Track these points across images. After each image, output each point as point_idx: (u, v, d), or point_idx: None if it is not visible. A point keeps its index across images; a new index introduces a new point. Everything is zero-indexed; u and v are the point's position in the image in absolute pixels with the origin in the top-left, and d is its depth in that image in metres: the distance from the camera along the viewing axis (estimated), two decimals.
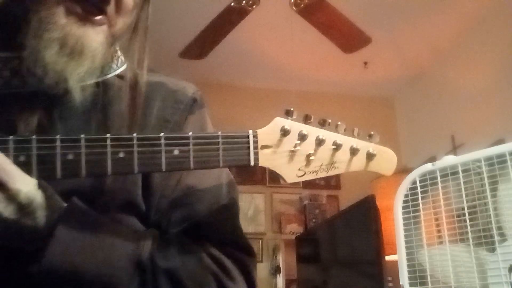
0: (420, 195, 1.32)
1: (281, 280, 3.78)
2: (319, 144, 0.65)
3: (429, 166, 1.32)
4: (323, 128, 0.66)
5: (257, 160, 0.63)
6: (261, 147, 0.64)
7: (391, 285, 2.06)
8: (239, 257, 0.71)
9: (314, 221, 4.04)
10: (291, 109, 0.65)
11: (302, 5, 2.73)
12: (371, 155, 0.68)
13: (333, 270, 2.69)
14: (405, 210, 1.34)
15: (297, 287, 3.48)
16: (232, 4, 2.72)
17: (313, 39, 3.27)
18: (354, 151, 0.67)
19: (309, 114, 0.66)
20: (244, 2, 2.70)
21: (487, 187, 1.19)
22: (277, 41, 3.69)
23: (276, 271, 3.85)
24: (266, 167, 0.65)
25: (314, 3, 2.70)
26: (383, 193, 2.67)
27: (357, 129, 0.68)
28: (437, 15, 3.39)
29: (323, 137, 0.65)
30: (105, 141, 0.60)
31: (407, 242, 1.33)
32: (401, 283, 1.32)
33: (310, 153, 0.65)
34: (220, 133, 0.63)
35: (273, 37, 3.67)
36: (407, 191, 1.35)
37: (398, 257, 1.35)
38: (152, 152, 0.60)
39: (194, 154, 0.61)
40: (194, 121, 0.76)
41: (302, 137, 0.65)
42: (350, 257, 2.52)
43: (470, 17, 3.41)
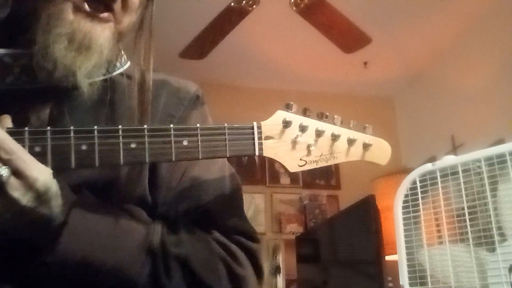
0: (420, 195, 1.32)
1: (281, 280, 3.78)
2: (319, 135, 0.69)
3: (429, 166, 1.32)
4: (321, 121, 0.70)
5: (261, 150, 0.67)
6: (264, 137, 0.67)
7: (391, 285, 2.06)
8: (245, 244, 0.74)
9: (314, 221, 4.04)
10: (291, 103, 0.69)
11: (302, 5, 2.73)
12: (367, 145, 0.72)
13: (333, 270, 2.69)
14: (405, 210, 1.34)
15: (297, 287, 3.48)
16: (232, 4, 2.72)
17: (313, 39, 3.27)
18: (351, 142, 0.71)
19: (308, 107, 0.70)
20: (244, 2, 2.70)
21: (487, 187, 1.19)
22: (277, 41, 3.69)
23: (276, 271, 3.85)
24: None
25: (314, 3, 2.71)
26: (383, 193, 2.67)
27: (353, 122, 0.72)
28: (437, 15, 3.39)
29: (322, 129, 0.69)
30: (117, 132, 0.62)
31: (407, 242, 1.33)
32: (401, 283, 1.32)
33: (310, 143, 0.69)
34: (226, 124, 0.66)
35: (273, 37, 3.67)
36: (407, 191, 1.35)
37: (398, 257, 1.35)
38: (162, 142, 0.63)
39: (202, 144, 0.64)
40: (197, 116, 0.79)
41: (302, 129, 0.69)
42: (350, 257, 2.52)
43: (470, 17, 3.41)
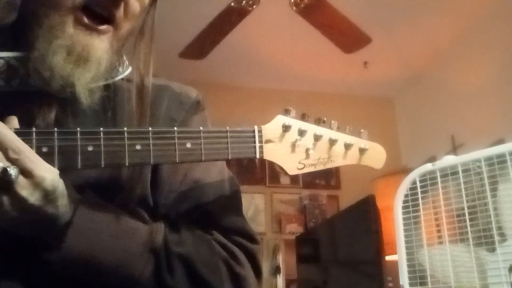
0: (420, 195, 1.32)
1: (281, 280, 3.78)
2: (317, 139, 0.72)
3: (429, 166, 1.32)
4: (319, 125, 0.73)
5: (262, 153, 0.69)
6: (265, 141, 0.70)
7: (391, 285, 2.06)
8: (244, 245, 0.76)
9: (314, 221, 4.04)
10: (289, 108, 0.72)
11: (302, 5, 2.73)
12: (363, 150, 0.75)
13: (333, 270, 2.70)
14: (405, 210, 1.34)
15: (297, 287, 3.48)
16: (232, 4, 2.72)
17: (313, 39, 3.27)
18: (348, 146, 0.74)
19: (306, 112, 0.73)
20: (244, 2, 2.70)
21: (487, 187, 1.20)
22: (277, 41, 3.69)
23: (276, 271, 3.85)
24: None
25: (314, 3, 2.71)
26: (383, 193, 2.67)
27: (349, 127, 0.75)
28: (437, 15, 3.39)
29: (320, 133, 0.72)
30: (123, 134, 0.64)
31: (407, 242, 1.33)
32: (401, 283, 1.32)
33: (309, 147, 0.72)
34: (228, 128, 0.68)
35: (273, 37, 3.67)
36: (407, 191, 1.35)
37: (398, 257, 1.35)
38: (166, 144, 0.65)
39: (204, 147, 0.66)
40: (197, 121, 0.81)
41: (301, 133, 0.71)
42: (350, 257, 2.52)
43: (470, 17, 3.41)
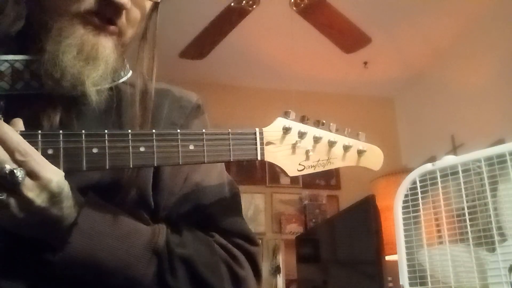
0: (420, 195, 1.32)
1: (281, 280, 3.78)
2: (317, 141, 0.73)
3: (429, 166, 1.32)
4: (318, 128, 0.74)
5: (263, 155, 0.71)
6: (266, 143, 0.71)
7: (391, 285, 2.06)
8: (244, 247, 0.77)
9: (314, 221, 4.04)
10: (289, 111, 0.73)
11: (302, 5, 2.73)
12: (361, 152, 0.77)
13: (333, 270, 2.70)
14: (405, 210, 1.34)
15: (297, 287, 3.48)
16: (232, 4, 2.72)
17: (313, 39, 3.27)
18: (346, 148, 0.76)
19: (305, 115, 0.74)
20: (244, 2, 2.70)
21: (487, 187, 1.19)
22: (277, 41, 3.69)
23: (276, 271, 3.85)
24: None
25: (314, 3, 2.71)
26: (383, 193, 2.67)
27: (348, 129, 0.77)
28: (437, 15, 3.39)
29: (319, 135, 0.73)
30: (127, 136, 0.65)
31: (407, 242, 1.33)
32: (401, 283, 1.32)
33: (308, 149, 0.73)
34: (229, 130, 0.69)
35: (273, 37, 3.67)
36: (407, 191, 1.35)
37: (398, 257, 1.35)
38: (169, 146, 0.66)
39: (207, 149, 0.68)
40: (198, 125, 0.83)
41: (301, 135, 0.73)
42: (350, 257, 2.52)
43: (470, 17, 3.42)
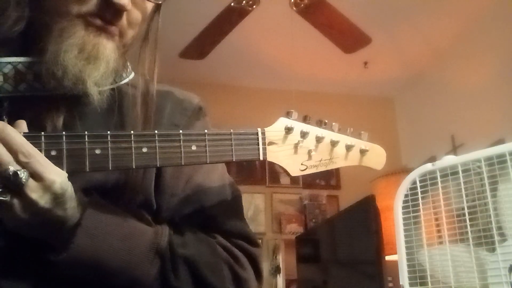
0: (420, 195, 1.32)
1: (281, 280, 3.78)
2: (319, 141, 0.73)
3: (429, 166, 1.32)
4: (321, 127, 0.74)
5: (265, 155, 0.70)
6: (268, 143, 0.71)
7: (391, 285, 2.06)
8: (246, 248, 0.77)
9: (314, 221, 4.04)
10: (291, 111, 0.73)
11: (302, 5, 2.73)
12: (364, 151, 0.76)
13: (333, 270, 2.70)
14: (405, 210, 1.34)
15: (297, 287, 3.48)
16: (232, 4, 2.72)
17: (313, 39, 3.27)
18: (349, 148, 0.75)
19: (308, 115, 0.73)
20: (244, 2, 2.70)
21: (487, 187, 1.19)
22: (277, 41, 3.69)
23: (276, 271, 3.85)
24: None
25: (314, 3, 2.71)
26: (383, 193, 2.67)
27: (350, 129, 0.76)
28: (437, 15, 3.39)
29: (322, 135, 0.73)
30: (130, 137, 0.65)
31: (407, 242, 1.33)
32: (401, 283, 1.32)
33: (311, 149, 0.73)
34: (231, 130, 0.69)
35: (273, 37, 3.67)
36: (407, 191, 1.35)
37: (398, 257, 1.35)
38: (172, 147, 0.66)
39: (209, 149, 0.68)
40: (199, 126, 0.83)
41: (303, 135, 0.72)
42: (350, 257, 2.52)
43: (470, 17, 3.41)
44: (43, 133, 0.62)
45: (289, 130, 0.71)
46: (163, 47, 0.82)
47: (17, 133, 0.60)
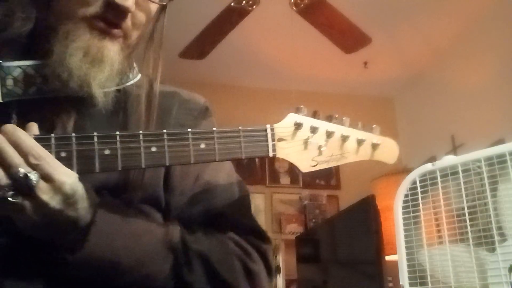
0: (420, 195, 1.32)
1: (281, 280, 3.78)
2: (329, 136, 0.72)
3: (429, 166, 1.32)
4: (331, 122, 0.73)
5: (274, 151, 0.70)
6: (277, 139, 0.70)
7: (391, 285, 2.06)
8: (256, 243, 0.78)
9: (314, 221, 4.04)
10: (301, 106, 0.72)
11: (302, 5, 2.73)
12: (375, 145, 0.75)
13: (333, 270, 2.69)
14: (405, 210, 1.34)
15: (297, 287, 3.48)
16: (232, 4, 2.72)
17: (313, 39, 3.27)
18: (360, 142, 0.74)
19: (317, 110, 0.72)
20: (244, 2, 2.70)
21: (487, 187, 1.19)
22: (277, 41, 3.69)
23: (276, 271, 3.84)
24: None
25: (314, 3, 2.70)
26: (383, 193, 2.67)
27: (361, 123, 0.75)
28: (437, 15, 3.39)
29: (332, 130, 0.72)
30: (138, 137, 0.65)
31: (407, 242, 1.33)
32: (401, 283, 1.32)
33: (321, 144, 0.71)
34: (240, 127, 0.69)
35: (273, 37, 3.67)
36: (407, 191, 1.34)
37: (398, 257, 1.35)
38: (181, 146, 0.67)
39: (218, 147, 0.67)
40: (206, 126, 0.83)
41: (313, 130, 0.71)
42: (350, 257, 2.52)
43: (470, 17, 3.41)
44: (52, 135, 0.63)
45: (298, 125, 0.71)
46: (163, 47, 0.82)
47: (27, 136, 0.60)
